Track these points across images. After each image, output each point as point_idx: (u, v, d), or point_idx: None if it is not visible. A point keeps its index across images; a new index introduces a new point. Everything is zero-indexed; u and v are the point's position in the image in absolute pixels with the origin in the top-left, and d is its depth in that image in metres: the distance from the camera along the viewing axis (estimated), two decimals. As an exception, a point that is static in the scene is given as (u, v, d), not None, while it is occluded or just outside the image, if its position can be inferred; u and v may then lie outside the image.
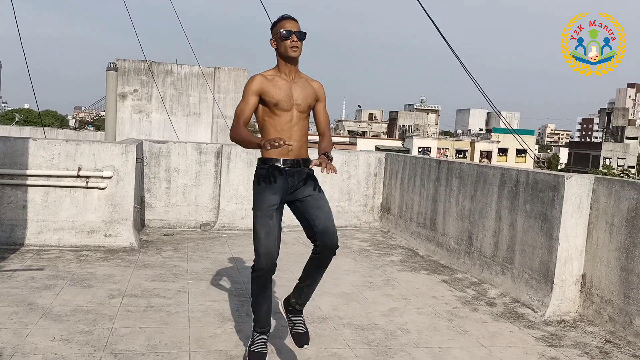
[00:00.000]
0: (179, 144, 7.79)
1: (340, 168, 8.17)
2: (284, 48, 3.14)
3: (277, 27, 3.18)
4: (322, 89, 3.32)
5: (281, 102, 3.13)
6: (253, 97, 3.13)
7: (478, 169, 6.02)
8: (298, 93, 3.18)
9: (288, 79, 3.19)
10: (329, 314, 4.35)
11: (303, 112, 3.20)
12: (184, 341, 3.64)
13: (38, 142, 6.05)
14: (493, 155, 63.07)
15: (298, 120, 3.17)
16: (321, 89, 3.31)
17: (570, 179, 4.65)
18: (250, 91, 3.13)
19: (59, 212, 6.07)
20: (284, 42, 3.14)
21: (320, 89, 3.31)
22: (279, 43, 3.16)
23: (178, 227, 7.53)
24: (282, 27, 3.15)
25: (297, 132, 3.16)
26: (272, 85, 3.14)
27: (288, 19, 3.20)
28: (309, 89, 3.24)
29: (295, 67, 3.22)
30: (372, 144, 55.75)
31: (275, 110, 3.13)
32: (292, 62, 3.19)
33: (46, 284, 4.69)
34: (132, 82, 23.52)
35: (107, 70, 10.44)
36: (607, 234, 4.44)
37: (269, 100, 3.12)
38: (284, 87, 3.16)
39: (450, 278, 5.66)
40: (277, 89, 3.14)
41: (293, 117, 3.16)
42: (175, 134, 20.62)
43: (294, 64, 3.20)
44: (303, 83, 3.23)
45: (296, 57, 3.17)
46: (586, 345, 4.01)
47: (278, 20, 3.22)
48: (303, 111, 3.19)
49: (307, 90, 3.22)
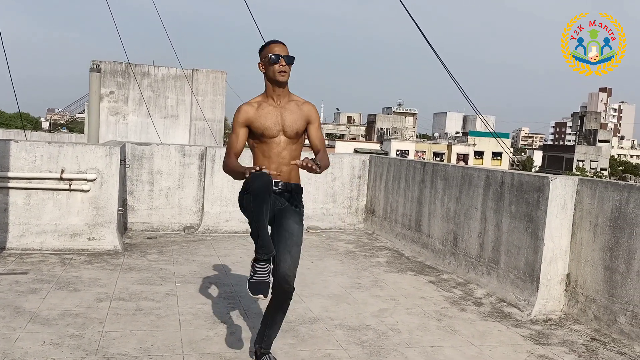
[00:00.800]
0: (162, 146, 7.72)
1: (325, 171, 8.16)
2: (272, 72, 3.15)
3: (265, 51, 3.18)
4: (313, 111, 3.28)
5: (267, 131, 3.15)
6: (242, 129, 3.18)
7: (463, 171, 6.10)
8: (286, 119, 3.18)
9: (276, 104, 3.20)
10: (320, 315, 4.36)
11: (290, 137, 3.19)
12: (177, 344, 3.62)
13: (20, 144, 5.95)
14: (469, 158, 63.84)
15: (286, 145, 3.18)
16: (312, 111, 3.28)
17: (554, 180, 4.74)
18: (238, 123, 3.18)
19: (41, 215, 5.97)
20: (272, 67, 3.14)
21: (312, 110, 3.28)
22: (267, 67, 3.16)
23: (161, 230, 7.46)
24: (271, 51, 3.15)
25: (287, 156, 3.17)
26: (258, 114, 3.16)
27: (276, 43, 3.20)
28: (298, 113, 3.22)
29: (284, 90, 3.22)
30: (351, 146, 55.96)
31: (263, 138, 3.17)
32: (281, 85, 3.19)
33: (31, 287, 4.60)
34: (109, 83, 23.24)
35: (90, 72, 10.31)
36: (591, 234, 4.54)
37: (256, 130, 3.16)
38: (272, 113, 3.17)
39: (436, 279, 5.72)
40: (264, 118, 3.16)
41: (281, 143, 3.17)
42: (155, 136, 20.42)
43: (283, 87, 3.20)
44: (293, 107, 3.22)
45: (284, 81, 3.17)
46: (573, 343, 4.09)
47: (266, 44, 3.23)
48: (290, 137, 3.19)
49: (295, 115, 3.20)
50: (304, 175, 7.74)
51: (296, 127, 3.20)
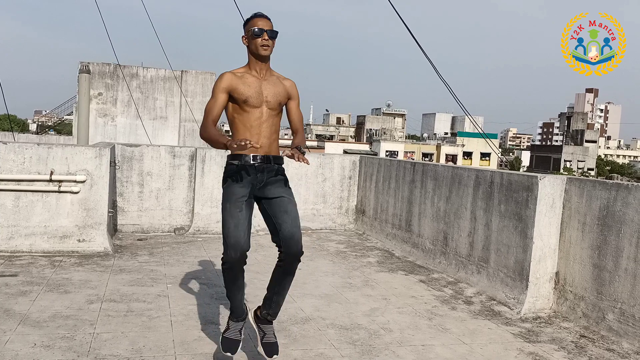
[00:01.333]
0: (152, 148, 7.70)
1: (315, 171, 8.21)
2: (254, 46, 3.15)
3: (249, 24, 3.18)
4: (294, 87, 3.31)
5: (250, 99, 3.12)
6: (222, 95, 3.13)
7: (453, 170, 6.14)
8: (268, 90, 3.17)
9: (259, 77, 3.19)
10: (312, 315, 4.37)
11: (273, 109, 3.18)
12: (169, 345, 3.61)
13: (9, 145, 5.90)
14: (458, 159, 64.16)
15: (268, 117, 3.17)
16: (293, 87, 3.30)
17: (543, 179, 4.79)
18: (219, 88, 3.13)
19: (30, 217, 5.93)
20: (255, 40, 3.14)
21: (293, 87, 3.30)
22: (250, 41, 3.16)
23: (152, 232, 7.43)
24: (254, 24, 3.15)
25: (267, 129, 3.16)
26: (241, 82, 3.14)
27: (260, 17, 3.19)
28: (280, 86, 3.23)
29: (266, 64, 3.22)
30: (340, 147, 56.02)
31: (245, 107, 3.13)
32: (263, 60, 3.19)
33: (21, 290, 4.57)
34: (97, 85, 23.10)
35: (80, 73, 10.24)
36: (580, 233, 4.59)
37: (238, 97, 3.12)
38: (254, 84, 3.16)
39: (427, 278, 5.75)
40: (247, 86, 3.14)
41: (263, 114, 3.15)
42: (143, 138, 20.32)
43: (265, 61, 3.21)
44: (274, 81, 3.23)
45: (267, 55, 3.17)
46: (562, 340, 4.13)
47: (250, 17, 3.21)
48: (273, 108, 3.18)
49: (278, 88, 3.21)
50: (294, 175, 7.77)
51: (279, 99, 3.20)
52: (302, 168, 8.05)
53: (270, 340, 3.25)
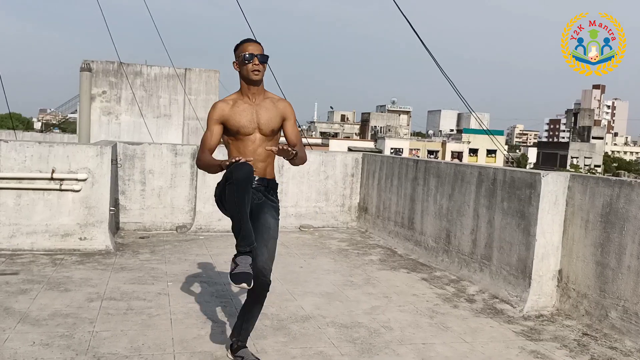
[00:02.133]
0: (153, 146, 7.69)
1: (318, 169, 8.19)
2: (246, 71, 3.19)
3: (239, 50, 3.22)
4: (288, 108, 3.33)
5: (243, 128, 3.19)
6: (216, 127, 3.22)
7: (455, 168, 6.10)
8: (261, 116, 3.22)
9: (251, 102, 3.24)
10: (312, 313, 4.35)
11: (266, 135, 3.23)
12: (168, 343, 3.60)
13: (10, 144, 5.91)
14: (464, 156, 63.97)
15: (261, 142, 3.22)
16: (287, 108, 3.32)
17: (546, 176, 4.75)
18: (212, 120, 3.23)
19: (32, 215, 5.93)
20: (246, 66, 3.18)
21: (287, 107, 3.32)
22: (241, 66, 3.20)
23: (154, 230, 7.43)
24: (244, 50, 3.19)
25: (262, 154, 3.22)
26: (233, 111, 3.21)
27: (250, 42, 3.24)
28: (273, 111, 3.26)
29: (259, 88, 3.25)
30: (345, 145, 55.94)
31: (238, 136, 3.21)
32: (255, 84, 3.22)
33: (21, 288, 4.57)
34: (101, 83, 23.09)
35: (81, 71, 10.25)
36: (583, 230, 4.55)
37: (231, 127, 3.21)
38: (247, 111, 3.21)
39: (429, 276, 5.72)
40: (239, 115, 3.20)
41: (256, 140, 3.22)
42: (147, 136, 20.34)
43: (257, 85, 3.23)
44: (268, 105, 3.26)
45: (258, 80, 3.21)
46: (564, 338, 4.10)
47: (240, 43, 3.26)
48: (266, 134, 3.23)
49: (270, 113, 3.24)
50: (296, 173, 7.82)
51: (272, 125, 3.24)
52: (304, 165, 8.00)
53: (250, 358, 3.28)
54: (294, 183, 8.00)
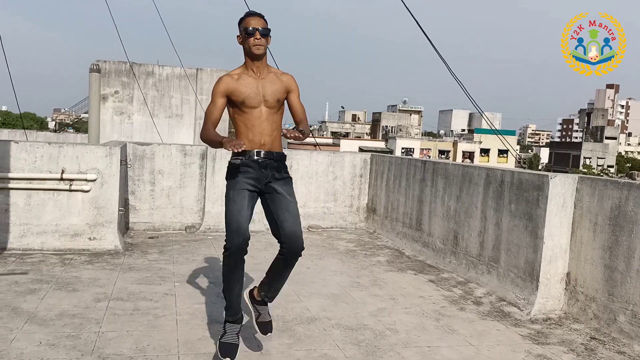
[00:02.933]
0: (163, 146, 7.73)
1: (326, 169, 8.18)
2: (248, 45, 3.19)
3: (242, 24, 3.22)
4: (292, 81, 3.32)
5: (248, 100, 3.18)
6: (220, 99, 3.21)
7: (463, 169, 6.07)
8: (266, 89, 3.21)
9: (255, 76, 3.23)
10: (318, 314, 4.35)
11: (272, 107, 3.23)
12: (173, 344, 3.62)
13: (20, 144, 5.97)
14: (475, 156, 63.62)
15: (268, 115, 3.22)
16: (291, 81, 3.31)
17: (554, 178, 4.71)
18: (217, 93, 3.22)
19: (42, 215, 5.98)
20: (248, 39, 3.17)
21: (291, 80, 3.31)
22: (244, 40, 3.20)
23: (163, 230, 7.47)
24: (247, 24, 3.18)
25: (268, 127, 3.21)
26: (238, 84, 3.20)
27: (253, 15, 3.22)
28: (278, 83, 3.26)
29: (262, 62, 3.25)
30: (356, 144, 55.86)
31: (244, 108, 3.20)
32: (258, 58, 3.22)
33: (30, 288, 4.62)
34: (113, 83, 23.27)
35: (90, 72, 10.33)
36: (591, 233, 4.50)
37: (236, 99, 3.19)
38: (251, 84, 3.21)
39: (436, 278, 5.69)
40: (244, 87, 3.19)
41: (262, 113, 3.20)
42: (158, 136, 20.46)
43: (260, 59, 3.23)
44: (272, 78, 3.26)
45: (260, 54, 3.20)
46: (572, 342, 4.06)
47: (243, 16, 3.24)
48: (272, 106, 3.23)
49: (275, 85, 3.24)
50: (305, 173, 7.86)
51: (277, 96, 3.24)
52: (312, 166, 8.04)
53: (265, 319, 3.36)
54: (302, 183, 8.00)
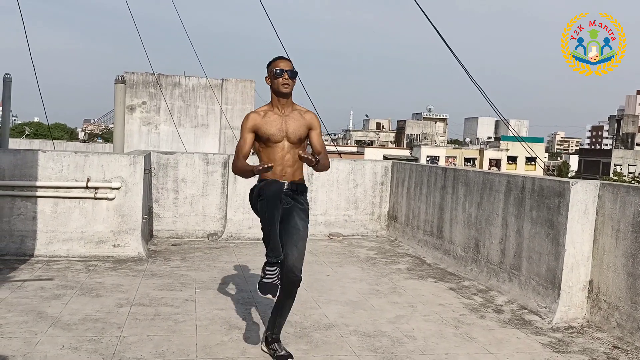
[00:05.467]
0: (186, 155, 7.86)
1: (347, 177, 8.21)
2: (276, 85, 3.52)
3: (272, 66, 3.56)
4: (314, 119, 3.61)
5: (273, 136, 3.48)
6: (249, 135, 3.53)
7: (484, 176, 6.03)
8: (289, 126, 3.51)
9: (280, 113, 3.54)
10: (336, 321, 4.36)
11: (294, 143, 3.51)
12: (191, 349, 3.67)
13: (47, 154, 6.14)
14: (502, 164, 62.84)
15: (289, 149, 3.50)
16: (314, 119, 3.60)
17: (575, 185, 4.65)
18: (245, 129, 3.55)
19: (68, 222, 6.13)
20: (276, 80, 3.51)
21: (313, 118, 3.60)
22: (273, 80, 3.53)
23: (186, 237, 7.58)
24: (276, 66, 3.53)
25: (290, 160, 3.51)
26: (264, 121, 3.51)
27: (281, 59, 3.58)
28: (301, 121, 3.55)
29: (288, 101, 3.56)
30: (380, 153, 55.74)
31: (268, 143, 3.51)
32: (285, 97, 3.54)
33: (55, 293, 4.74)
34: (141, 94, 23.74)
35: (115, 83, 10.56)
36: (614, 240, 4.43)
37: (262, 135, 3.51)
38: (276, 121, 3.51)
39: (457, 286, 5.65)
40: (269, 125, 3.50)
41: (285, 147, 3.50)
42: (184, 146, 20.76)
43: (286, 98, 3.55)
44: (296, 116, 3.55)
45: (287, 92, 3.52)
46: (594, 351, 3.99)
47: (272, 60, 3.59)
48: (294, 142, 3.51)
49: (298, 123, 3.53)
50: (326, 181, 7.93)
51: (299, 134, 3.53)
52: (333, 174, 8.06)
53: (282, 354, 3.52)
54: (324, 191, 8.04)
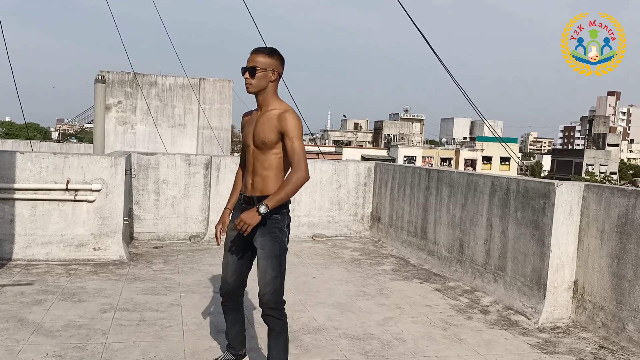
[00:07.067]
0: (167, 156, 7.74)
1: (330, 178, 8.18)
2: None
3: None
4: (287, 121, 2.98)
5: (243, 139, 3.17)
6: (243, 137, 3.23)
7: (468, 177, 6.06)
8: (258, 128, 3.06)
9: (258, 114, 3.13)
10: (324, 324, 4.33)
11: (259, 147, 3.06)
12: (179, 355, 3.60)
13: (26, 155, 5.98)
14: (477, 164, 63.59)
15: (257, 155, 3.07)
16: (286, 121, 2.98)
17: (560, 186, 4.70)
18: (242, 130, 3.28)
19: (47, 225, 5.99)
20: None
21: (286, 121, 2.98)
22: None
23: (167, 240, 7.47)
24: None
25: (259, 167, 3.07)
26: (246, 122, 3.20)
27: (251, 53, 3.09)
28: (269, 123, 3.02)
29: (263, 99, 3.09)
30: (358, 153, 55.89)
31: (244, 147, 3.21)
32: (255, 96, 3.11)
33: (36, 299, 4.61)
34: (117, 93, 23.32)
35: (95, 83, 10.35)
36: (598, 241, 4.49)
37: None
38: (251, 123, 3.13)
39: (443, 286, 5.67)
40: (246, 126, 3.17)
41: (252, 153, 3.10)
42: (162, 146, 20.48)
43: (257, 97, 3.10)
44: (268, 116, 3.04)
45: (251, 92, 3.07)
46: (580, 351, 4.03)
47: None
48: (258, 147, 3.06)
49: (265, 126, 3.03)
50: (309, 183, 7.64)
51: (262, 137, 3.04)
52: (317, 175, 8.03)
53: None
54: (307, 192, 8.00)
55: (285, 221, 3.11)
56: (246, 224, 2.88)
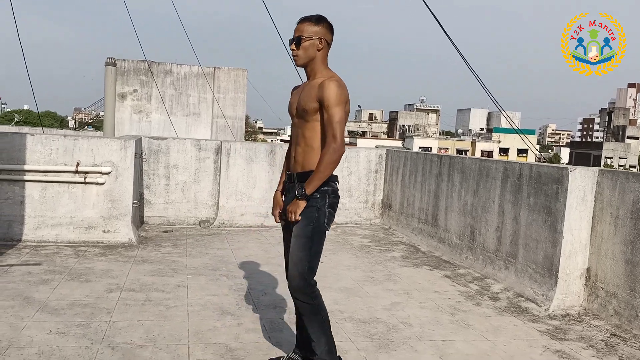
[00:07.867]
0: (178, 140, 7.73)
1: (341, 165, 8.07)
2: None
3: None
4: (327, 90, 2.83)
5: (290, 112, 3.07)
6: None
7: (480, 163, 5.96)
8: (301, 98, 2.97)
9: (305, 84, 3.04)
10: (330, 308, 4.24)
11: (300, 118, 2.96)
12: (183, 334, 3.58)
13: (36, 137, 5.99)
14: (494, 155, 62.95)
15: (299, 126, 2.98)
16: (326, 90, 2.83)
17: (574, 171, 4.59)
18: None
19: (56, 207, 6.01)
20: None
21: (325, 90, 2.84)
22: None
23: (177, 224, 7.47)
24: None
25: (300, 139, 2.97)
26: (293, 95, 3.09)
27: (297, 23, 2.98)
28: (311, 93, 2.90)
29: (311, 70, 2.98)
30: (372, 144, 55.59)
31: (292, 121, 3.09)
32: (304, 69, 3.01)
33: (43, 278, 4.62)
34: (132, 82, 23.42)
35: (106, 66, 10.37)
36: (612, 227, 4.38)
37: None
38: (298, 93, 3.04)
39: (452, 273, 5.60)
40: (292, 98, 3.07)
41: (295, 124, 3.02)
42: (175, 134, 20.53)
43: (306, 69, 3.00)
44: (311, 86, 2.93)
45: (299, 65, 2.98)
46: (592, 338, 3.94)
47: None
48: (300, 117, 2.96)
49: (307, 95, 2.92)
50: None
51: (302, 106, 2.93)
52: (327, 161, 7.95)
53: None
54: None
55: (326, 200, 2.93)
56: (292, 212, 2.87)
